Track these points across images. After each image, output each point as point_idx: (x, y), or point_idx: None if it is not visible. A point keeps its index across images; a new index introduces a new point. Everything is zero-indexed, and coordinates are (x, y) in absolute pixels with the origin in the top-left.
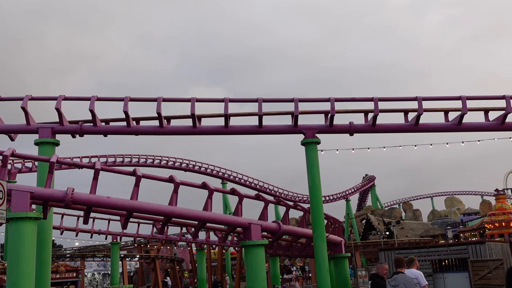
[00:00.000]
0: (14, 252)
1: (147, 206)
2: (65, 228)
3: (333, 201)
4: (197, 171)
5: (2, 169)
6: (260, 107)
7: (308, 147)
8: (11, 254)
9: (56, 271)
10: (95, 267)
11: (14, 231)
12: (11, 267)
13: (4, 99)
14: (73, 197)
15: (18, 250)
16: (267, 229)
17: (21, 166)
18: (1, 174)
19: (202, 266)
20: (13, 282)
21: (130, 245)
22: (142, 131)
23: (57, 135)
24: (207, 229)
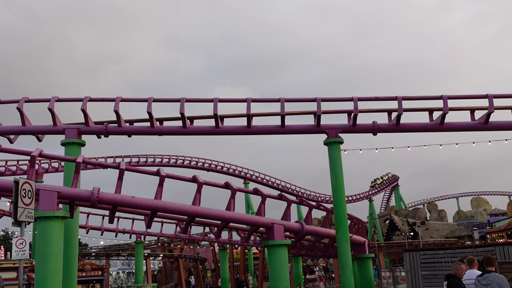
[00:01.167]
0: (42, 250)
1: (171, 206)
2: (91, 227)
3: (356, 201)
4: (219, 171)
5: (30, 169)
6: (283, 107)
7: (331, 147)
8: (39, 253)
9: (82, 269)
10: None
11: (42, 230)
12: (39, 265)
13: (32, 100)
14: (99, 197)
15: (46, 248)
16: (290, 229)
17: (48, 166)
18: (29, 174)
19: (225, 265)
20: (41, 280)
21: (154, 244)
22: (166, 132)
23: (82, 135)
24: (230, 229)
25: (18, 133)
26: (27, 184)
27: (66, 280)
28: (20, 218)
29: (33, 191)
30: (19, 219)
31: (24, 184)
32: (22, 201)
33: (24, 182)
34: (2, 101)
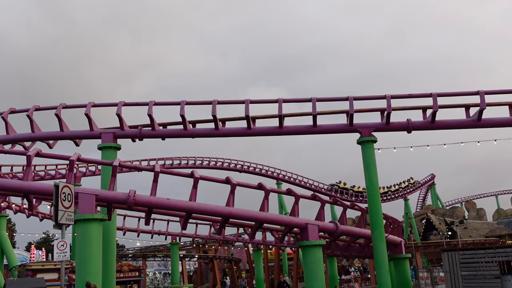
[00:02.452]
0: (82, 252)
1: (205, 207)
2: (128, 229)
3: (391, 200)
4: (252, 172)
5: (69, 173)
6: (314, 106)
7: (364, 146)
8: (79, 254)
9: (120, 270)
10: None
11: (81, 232)
12: (80, 266)
13: (69, 106)
14: (135, 199)
15: (86, 250)
16: (324, 230)
17: (85, 170)
18: (68, 178)
19: (259, 266)
20: (82, 281)
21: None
22: (198, 134)
23: (118, 139)
24: (263, 230)
25: (57, 138)
26: (66, 188)
27: (105, 281)
28: (61, 220)
29: (72, 195)
30: (60, 221)
31: (64, 187)
32: (62, 204)
33: (64, 185)
34: (41, 108)
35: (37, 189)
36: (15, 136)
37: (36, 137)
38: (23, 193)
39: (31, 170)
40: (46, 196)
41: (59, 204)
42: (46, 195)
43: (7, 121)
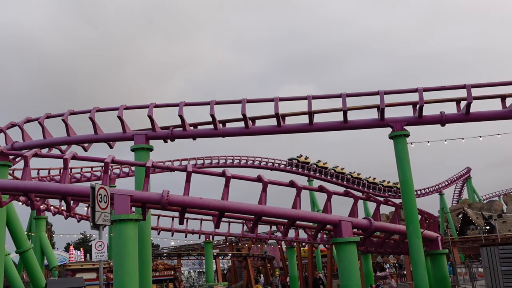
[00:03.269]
0: (118, 251)
1: (238, 206)
2: (162, 229)
3: (425, 195)
4: (283, 170)
5: (104, 175)
6: (344, 102)
7: (396, 140)
8: (116, 254)
9: (156, 269)
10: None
11: (117, 232)
12: (117, 266)
13: (102, 109)
14: (168, 199)
15: (122, 250)
16: (357, 226)
17: (119, 172)
18: (104, 179)
19: (293, 264)
20: (119, 280)
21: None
22: (229, 133)
23: (150, 140)
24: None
25: (91, 141)
26: (102, 189)
27: (142, 280)
28: (98, 221)
29: (108, 196)
30: (97, 222)
31: (100, 189)
32: (99, 206)
33: (100, 187)
34: (75, 112)
35: (74, 191)
36: (51, 140)
37: (71, 140)
38: (61, 195)
39: (68, 173)
40: (83, 198)
41: (96, 206)
42: (83, 197)
43: (44, 126)
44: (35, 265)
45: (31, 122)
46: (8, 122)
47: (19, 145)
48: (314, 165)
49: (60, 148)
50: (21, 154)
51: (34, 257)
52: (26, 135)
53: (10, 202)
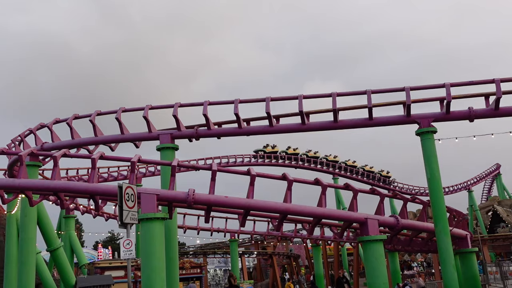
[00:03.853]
0: (146, 250)
1: (263, 204)
2: (188, 227)
3: (454, 192)
4: (307, 168)
5: (131, 175)
6: (369, 99)
7: (423, 137)
8: (144, 252)
9: (182, 267)
10: (216, 264)
11: (144, 231)
12: (145, 264)
13: (128, 110)
14: (194, 198)
15: (150, 248)
16: (384, 224)
17: (145, 171)
18: (131, 179)
19: (318, 262)
20: (147, 277)
21: (248, 242)
22: (253, 132)
23: (175, 140)
24: (322, 225)
25: (118, 141)
26: (129, 189)
27: (169, 278)
28: (126, 220)
29: (135, 195)
30: (125, 221)
31: (127, 188)
32: (126, 205)
33: (127, 186)
34: (102, 113)
35: (102, 191)
36: (79, 140)
37: (99, 140)
38: (90, 195)
39: (96, 172)
40: (111, 197)
41: (123, 205)
42: (111, 196)
43: (72, 126)
44: (65, 263)
45: (60, 123)
46: (38, 124)
47: (49, 146)
48: (283, 153)
49: (88, 148)
50: (51, 155)
51: (64, 255)
52: (55, 136)
53: (40, 202)
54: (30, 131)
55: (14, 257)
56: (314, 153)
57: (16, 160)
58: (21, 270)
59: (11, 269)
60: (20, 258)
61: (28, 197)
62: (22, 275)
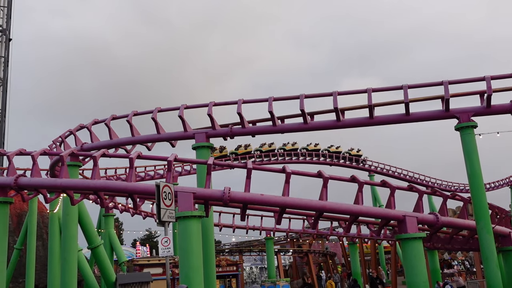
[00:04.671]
0: (183, 247)
1: (299, 202)
2: (223, 225)
3: (495, 188)
4: (342, 165)
5: (168, 174)
6: (406, 94)
7: (463, 132)
8: (181, 250)
9: (219, 265)
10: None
11: (182, 229)
12: (182, 261)
13: (164, 110)
14: (230, 196)
15: (187, 246)
16: (423, 222)
17: (181, 170)
18: (168, 177)
19: (355, 260)
20: (185, 275)
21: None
22: (287, 129)
23: (210, 138)
24: (358, 223)
25: (154, 140)
26: (167, 187)
27: (206, 275)
28: (163, 218)
29: (172, 193)
30: (163, 219)
31: (164, 187)
32: (164, 203)
33: (164, 185)
34: (139, 113)
35: (140, 189)
36: (117, 140)
37: (136, 140)
38: (128, 194)
39: (134, 171)
40: (149, 196)
41: (161, 203)
42: (149, 195)
43: (110, 127)
44: (105, 260)
45: (98, 124)
46: (77, 125)
47: (88, 146)
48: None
49: (125, 148)
50: (90, 155)
51: (104, 252)
52: (94, 137)
53: (81, 201)
54: (70, 132)
55: (57, 254)
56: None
57: (57, 161)
58: (63, 267)
59: (54, 266)
60: (62, 256)
61: (70, 196)
62: (65, 272)
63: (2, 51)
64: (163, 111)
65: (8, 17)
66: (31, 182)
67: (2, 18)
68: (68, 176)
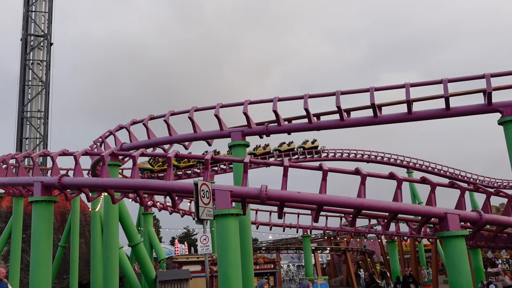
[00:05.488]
0: (222, 245)
1: (337, 199)
2: (260, 223)
3: None
4: (380, 162)
5: (205, 172)
6: (446, 88)
7: (507, 126)
8: (220, 248)
9: (256, 262)
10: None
11: (220, 227)
12: (221, 259)
13: (200, 109)
14: (267, 194)
15: (225, 243)
16: (466, 219)
17: (217, 168)
18: (205, 176)
19: (394, 258)
20: (223, 273)
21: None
22: (323, 126)
23: (246, 137)
24: (397, 220)
25: (191, 139)
26: (204, 186)
27: (244, 273)
28: (202, 216)
29: (210, 192)
30: (201, 217)
31: (202, 185)
32: (202, 201)
33: (202, 183)
34: (176, 113)
35: (178, 188)
36: (155, 140)
37: (173, 139)
38: (167, 192)
39: (172, 170)
40: (186, 194)
41: (199, 201)
42: (187, 193)
43: (148, 127)
44: (145, 257)
45: (137, 124)
46: (117, 125)
47: (127, 146)
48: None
49: (163, 147)
50: (130, 154)
51: (144, 250)
52: (133, 136)
53: (121, 199)
54: (110, 133)
55: (99, 252)
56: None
57: (98, 160)
58: (105, 264)
59: (97, 263)
60: (104, 253)
61: (111, 195)
62: (107, 269)
63: (44, 55)
64: (200, 110)
65: (49, 22)
66: (74, 181)
67: (44, 24)
68: (108, 175)
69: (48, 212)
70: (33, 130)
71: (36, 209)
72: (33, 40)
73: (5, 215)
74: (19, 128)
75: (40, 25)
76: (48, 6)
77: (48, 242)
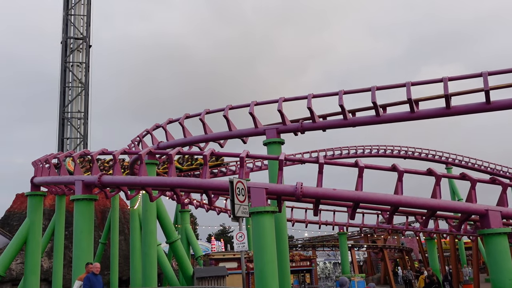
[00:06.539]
0: (258, 242)
1: (374, 196)
2: (296, 220)
3: None
4: (417, 158)
5: (240, 170)
6: (486, 81)
7: None
8: (256, 245)
9: (292, 260)
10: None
11: (256, 224)
12: (257, 256)
13: (235, 107)
14: (302, 191)
15: (261, 241)
16: (508, 216)
17: (252, 166)
18: (241, 173)
19: (433, 256)
20: (260, 270)
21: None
22: (359, 123)
23: (281, 134)
24: (436, 218)
25: (226, 137)
26: (240, 183)
27: (280, 270)
28: (237, 213)
29: (245, 189)
30: (237, 214)
31: (237, 183)
32: (237, 199)
33: (238, 181)
34: (211, 111)
35: (214, 186)
36: (191, 138)
37: (208, 138)
38: (203, 190)
39: (208, 168)
40: (222, 192)
41: (235, 199)
42: (222, 191)
43: (184, 125)
44: (183, 254)
45: (173, 123)
46: (153, 124)
47: (164, 145)
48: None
49: (199, 145)
50: (166, 153)
51: (181, 247)
52: (169, 135)
53: (159, 197)
54: (147, 132)
55: (138, 248)
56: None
57: (136, 159)
58: (144, 261)
59: (136, 259)
60: (143, 250)
61: (149, 193)
62: (146, 265)
63: (83, 57)
64: (234, 108)
65: (87, 25)
66: (113, 180)
67: (82, 27)
68: (146, 173)
69: (89, 210)
70: (74, 130)
71: (77, 207)
72: (72, 43)
73: (48, 212)
74: (60, 128)
75: (79, 28)
76: (87, 9)
77: (89, 239)
